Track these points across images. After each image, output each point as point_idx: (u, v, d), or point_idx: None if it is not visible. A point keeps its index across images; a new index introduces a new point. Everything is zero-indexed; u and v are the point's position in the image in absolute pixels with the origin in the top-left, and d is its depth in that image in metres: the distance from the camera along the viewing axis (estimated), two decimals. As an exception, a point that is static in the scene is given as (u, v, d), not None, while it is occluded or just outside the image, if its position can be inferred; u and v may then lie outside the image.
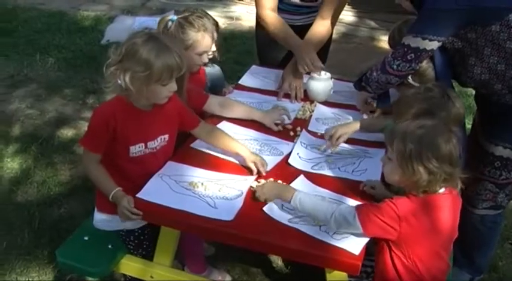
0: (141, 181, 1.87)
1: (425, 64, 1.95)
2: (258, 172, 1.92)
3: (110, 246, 2.02)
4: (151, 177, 1.90)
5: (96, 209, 2.01)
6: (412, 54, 1.87)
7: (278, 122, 2.19)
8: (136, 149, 1.86)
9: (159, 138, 1.91)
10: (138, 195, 1.83)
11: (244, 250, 1.99)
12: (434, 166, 1.52)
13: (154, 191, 1.86)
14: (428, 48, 1.84)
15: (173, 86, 1.80)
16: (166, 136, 1.94)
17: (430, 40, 1.82)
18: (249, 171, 1.94)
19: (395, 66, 1.94)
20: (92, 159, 1.87)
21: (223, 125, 2.22)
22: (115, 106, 1.82)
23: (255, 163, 1.93)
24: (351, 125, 2.11)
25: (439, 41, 1.84)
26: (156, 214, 1.82)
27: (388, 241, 1.62)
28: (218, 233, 1.76)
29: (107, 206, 1.89)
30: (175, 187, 1.90)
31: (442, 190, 1.60)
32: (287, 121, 2.19)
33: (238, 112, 2.21)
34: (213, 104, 2.19)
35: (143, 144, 1.87)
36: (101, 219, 2.01)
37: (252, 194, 1.86)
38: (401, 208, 1.57)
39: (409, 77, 1.97)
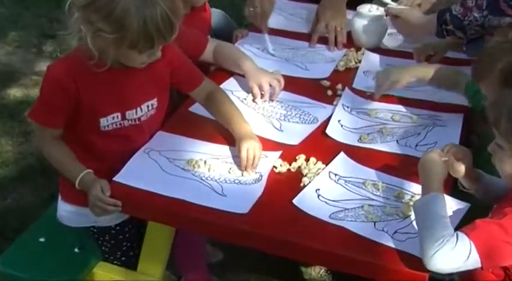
0: (120, 162, 1.89)
1: None
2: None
3: (76, 249, 2.05)
4: (135, 154, 1.93)
5: (60, 197, 2.03)
6: None
7: (262, 91, 2.18)
8: (108, 121, 1.88)
9: (144, 106, 1.93)
10: (115, 178, 1.84)
11: (263, 256, 2.07)
12: None
13: (139, 172, 1.87)
14: None
15: (156, 54, 1.81)
16: (155, 101, 1.95)
17: None
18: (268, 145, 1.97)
19: None
20: (48, 136, 1.89)
21: (230, 83, 2.26)
22: (75, 64, 1.81)
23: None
24: (413, 70, 2.13)
25: None
26: (141, 204, 1.83)
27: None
28: (227, 231, 1.77)
29: (74, 194, 1.91)
30: (168, 167, 1.91)
31: None
32: (265, 97, 2.19)
33: (228, 62, 2.25)
34: (208, 51, 2.25)
35: (119, 114, 1.89)
36: (66, 211, 2.03)
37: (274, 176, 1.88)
38: None
39: None
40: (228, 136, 2.04)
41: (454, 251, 1.52)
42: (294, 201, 1.80)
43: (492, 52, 1.78)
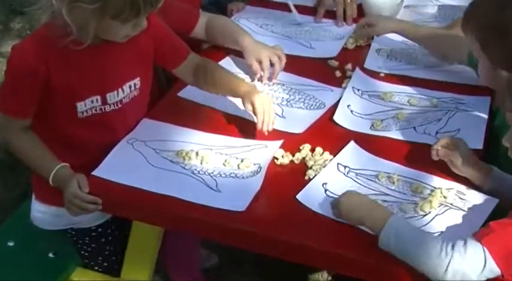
0: (101, 154, 1.89)
1: None
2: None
3: (51, 255, 2.04)
4: (117, 145, 1.94)
5: (33, 196, 2.04)
6: None
7: (261, 68, 2.17)
8: (87, 106, 1.87)
9: (125, 87, 1.92)
10: (95, 172, 1.84)
11: (263, 259, 2.02)
12: None
13: (122, 165, 1.88)
14: None
15: (141, 24, 1.79)
16: (137, 81, 1.94)
17: None
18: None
19: None
20: (15, 127, 1.86)
21: (227, 63, 2.26)
22: (45, 42, 1.77)
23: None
24: (405, 24, 2.26)
25: None
26: (124, 201, 1.83)
27: None
28: (223, 231, 1.77)
29: (50, 193, 1.91)
30: (155, 159, 1.91)
31: None
32: (265, 75, 2.19)
33: (223, 37, 2.25)
34: (200, 26, 2.24)
35: (98, 97, 1.88)
36: (40, 212, 2.04)
37: (275, 173, 1.89)
38: None
39: None
40: (222, 124, 2.05)
41: (467, 262, 1.52)
42: (298, 197, 1.80)
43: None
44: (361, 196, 1.76)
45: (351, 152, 1.96)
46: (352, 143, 1.98)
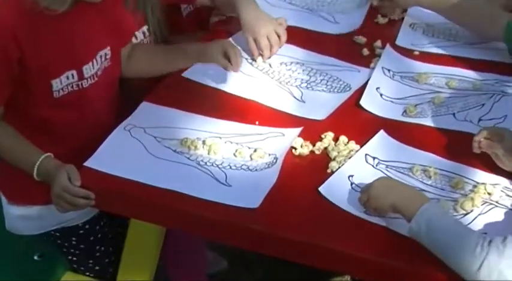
0: (85, 141, 1.92)
1: None
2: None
3: (36, 257, 2.08)
4: (112, 131, 1.94)
5: (4, 200, 2.05)
6: None
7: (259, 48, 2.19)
8: (63, 83, 1.88)
9: (98, 57, 1.95)
10: (87, 163, 1.85)
11: (278, 264, 2.02)
12: None
13: (118, 155, 1.89)
14: None
15: None
16: (108, 50, 1.98)
17: None
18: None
19: None
20: None
21: (236, 40, 2.26)
22: (12, 13, 1.76)
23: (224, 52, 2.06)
24: None
25: None
26: (121, 196, 1.83)
27: None
28: (233, 232, 1.78)
29: (24, 191, 1.93)
30: (155, 148, 1.92)
31: None
32: (265, 55, 2.22)
33: (227, 7, 2.28)
34: None
35: (74, 72, 1.90)
36: (16, 217, 2.04)
37: (292, 162, 1.90)
38: None
39: None
40: (233, 109, 2.07)
41: (505, 259, 1.50)
42: (321, 189, 1.80)
43: None
44: (396, 181, 1.78)
45: (380, 141, 1.96)
46: (381, 132, 1.98)
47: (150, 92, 2.09)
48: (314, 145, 1.95)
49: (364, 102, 2.08)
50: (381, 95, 2.13)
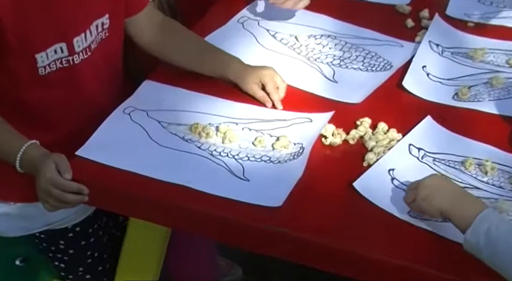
0: (78, 127, 1.95)
1: None
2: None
3: (18, 262, 2.07)
4: (108, 116, 1.95)
5: None
6: None
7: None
8: (49, 58, 1.89)
9: (92, 27, 1.96)
10: (79, 152, 1.85)
11: (303, 272, 2.08)
12: None
13: (115, 143, 1.90)
14: None
15: None
16: (106, 19, 1.98)
17: None
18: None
19: None
20: None
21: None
22: None
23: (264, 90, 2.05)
24: None
25: None
26: (119, 192, 1.83)
27: None
28: (250, 234, 1.77)
29: (4, 185, 1.95)
30: (160, 135, 1.93)
31: None
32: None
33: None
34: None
35: (64, 45, 1.91)
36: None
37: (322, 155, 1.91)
38: None
39: None
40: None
41: None
42: (355, 184, 1.81)
43: None
44: (450, 181, 1.77)
45: (426, 130, 1.97)
46: (428, 119, 1.99)
47: (154, 70, 2.10)
48: (348, 133, 1.95)
49: (408, 83, 2.09)
50: (428, 74, 2.13)
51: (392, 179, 1.83)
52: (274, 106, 2.02)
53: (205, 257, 2.40)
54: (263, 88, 2.04)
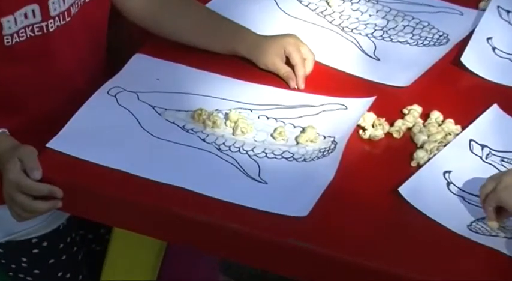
0: (48, 109, 2.00)
1: None
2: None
3: None
4: (91, 97, 1.97)
5: None
6: None
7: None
8: (18, 24, 1.92)
9: None
10: (51, 144, 1.86)
11: None
12: None
13: (96, 133, 1.90)
14: None
15: None
16: None
17: None
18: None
19: None
20: None
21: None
22: None
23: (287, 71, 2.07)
24: None
25: None
26: (100, 195, 1.83)
27: None
28: (266, 250, 1.77)
29: None
30: (154, 124, 1.94)
31: None
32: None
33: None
34: None
35: (36, 7, 1.93)
36: None
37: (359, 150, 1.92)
38: None
39: None
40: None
41: None
42: (401, 190, 1.79)
43: None
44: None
45: (492, 121, 1.97)
46: (494, 107, 1.99)
47: (145, 43, 2.14)
48: (392, 125, 1.95)
49: (468, 59, 2.10)
50: (494, 49, 2.15)
51: (449, 183, 1.82)
52: (298, 86, 2.03)
53: (205, 277, 2.40)
54: (287, 62, 2.04)
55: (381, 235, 1.75)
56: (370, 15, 2.23)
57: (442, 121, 1.95)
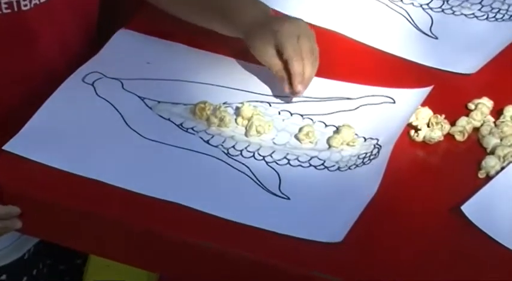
0: (22, 102, 2.05)
1: None
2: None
3: None
4: (60, 86, 1.99)
5: None
6: None
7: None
8: None
9: None
10: (7, 146, 1.86)
11: None
12: None
13: (67, 132, 1.91)
14: None
15: None
16: None
17: None
18: None
19: None
20: None
21: None
22: None
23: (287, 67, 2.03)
24: None
25: None
26: (72, 214, 1.81)
27: None
28: None
29: None
30: (143, 120, 1.95)
31: None
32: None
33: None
34: None
35: None
36: None
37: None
38: None
39: None
40: None
41: None
42: (464, 208, 1.76)
43: None
44: None
45: None
46: None
47: (131, 20, 2.18)
48: (453, 124, 1.93)
49: None
50: None
51: None
52: (293, 90, 2.00)
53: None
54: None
55: (438, 265, 1.72)
56: (424, -18, 2.20)
57: (519, 119, 1.88)
